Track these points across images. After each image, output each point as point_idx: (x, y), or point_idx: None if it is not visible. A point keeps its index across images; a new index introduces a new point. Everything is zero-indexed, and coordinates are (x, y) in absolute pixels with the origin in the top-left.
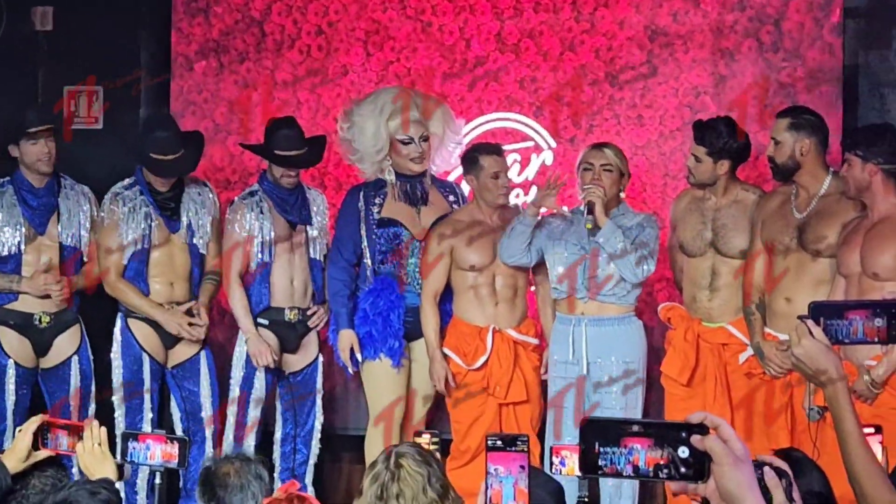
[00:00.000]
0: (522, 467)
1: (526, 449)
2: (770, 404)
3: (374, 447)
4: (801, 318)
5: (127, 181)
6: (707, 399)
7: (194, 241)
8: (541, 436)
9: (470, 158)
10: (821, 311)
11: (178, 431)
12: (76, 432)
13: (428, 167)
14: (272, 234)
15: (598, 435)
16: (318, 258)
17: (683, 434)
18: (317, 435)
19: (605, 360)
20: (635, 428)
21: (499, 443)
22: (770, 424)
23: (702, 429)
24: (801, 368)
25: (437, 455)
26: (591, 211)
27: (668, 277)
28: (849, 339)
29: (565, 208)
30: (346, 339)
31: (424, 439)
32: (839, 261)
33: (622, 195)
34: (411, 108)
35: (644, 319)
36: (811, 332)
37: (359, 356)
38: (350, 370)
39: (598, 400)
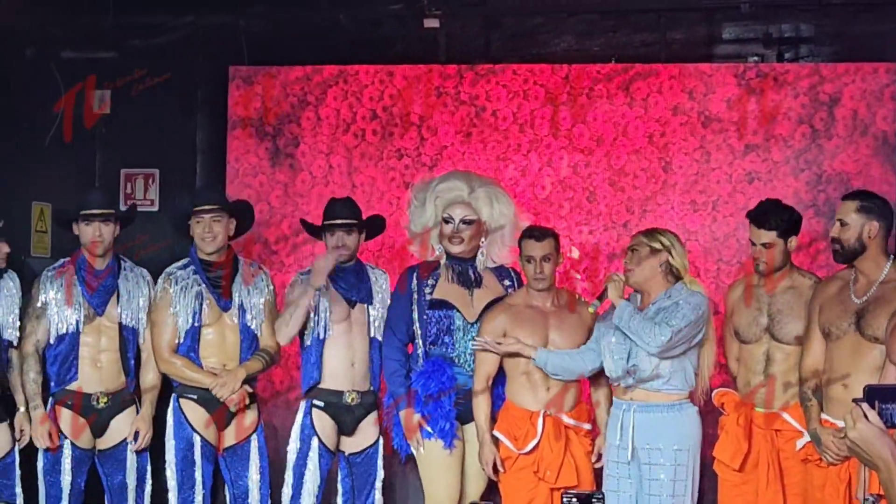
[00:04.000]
0: None
1: None
2: (827, 491)
3: None
4: (855, 401)
5: (181, 262)
6: (760, 485)
7: (246, 321)
8: None
9: (519, 241)
10: (876, 395)
11: None
12: None
13: (473, 251)
14: (328, 311)
15: None
16: (378, 338)
17: None
18: None
19: (654, 446)
20: None
21: (574, 500)
22: None
23: None
24: (856, 452)
25: None
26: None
27: (722, 363)
28: None
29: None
30: (411, 418)
31: None
32: (890, 349)
33: (661, 269)
34: (462, 190)
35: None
36: (866, 416)
37: (428, 428)
38: (418, 449)
39: (647, 487)
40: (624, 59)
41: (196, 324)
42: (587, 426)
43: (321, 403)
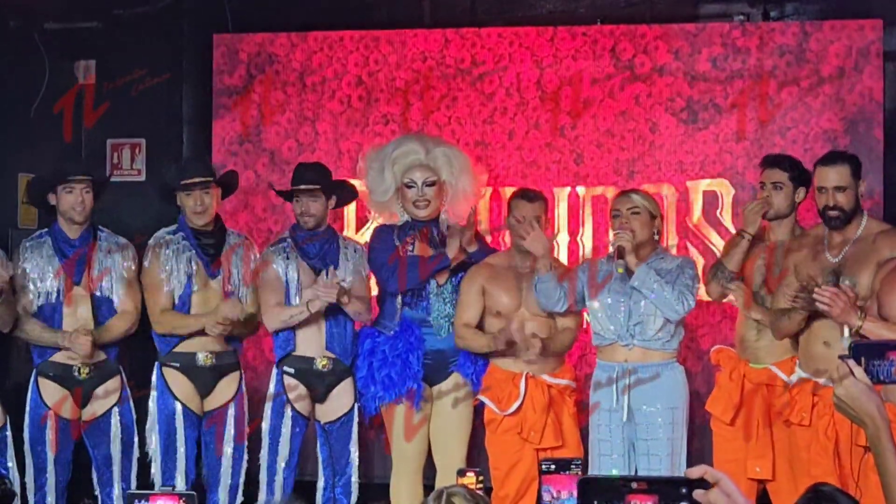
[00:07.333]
0: None
1: (580, 472)
2: (814, 450)
3: (399, 494)
4: (842, 357)
5: (171, 227)
6: (750, 439)
7: (229, 289)
8: None
9: (509, 203)
10: (862, 351)
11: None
12: None
13: (436, 212)
14: (298, 279)
15: (599, 493)
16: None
17: (685, 489)
18: (355, 484)
19: (650, 406)
20: (635, 485)
21: (553, 466)
22: (813, 468)
23: (703, 483)
24: (842, 409)
25: (486, 498)
26: (620, 256)
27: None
28: (890, 380)
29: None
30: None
31: (470, 478)
32: (882, 302)
33: (655, 237)
34: (418, 153)
35: (687, 366)
36: (853, 372)
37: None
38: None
39: (644, 448)
40: (609, 21)
41: (188, 290)
42: (571, 383)
43: (291, 370)
